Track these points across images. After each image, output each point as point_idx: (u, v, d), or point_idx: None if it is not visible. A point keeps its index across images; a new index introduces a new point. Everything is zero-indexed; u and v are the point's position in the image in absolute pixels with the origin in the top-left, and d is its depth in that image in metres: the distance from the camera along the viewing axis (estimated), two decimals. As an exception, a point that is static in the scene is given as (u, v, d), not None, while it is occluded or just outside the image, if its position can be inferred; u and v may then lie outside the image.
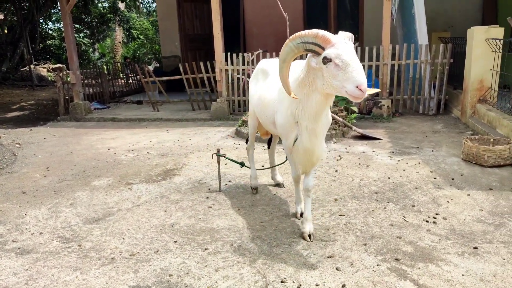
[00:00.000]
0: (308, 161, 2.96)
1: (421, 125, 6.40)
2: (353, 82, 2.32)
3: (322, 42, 2.43)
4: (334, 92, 2.53)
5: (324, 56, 2.42)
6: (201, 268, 2.67)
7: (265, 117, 3.34)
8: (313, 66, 2.52)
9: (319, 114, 2.74)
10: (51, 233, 3.29)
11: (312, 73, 2.59)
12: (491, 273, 2.48)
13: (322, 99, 2.65)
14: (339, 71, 2.37)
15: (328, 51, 2.41)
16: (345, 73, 2.35)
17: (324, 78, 2.49)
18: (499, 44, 5.62)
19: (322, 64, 2.45)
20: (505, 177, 4.02)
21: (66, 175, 4.77)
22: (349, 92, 2.35)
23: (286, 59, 2.58)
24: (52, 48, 19.48)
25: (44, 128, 7.87)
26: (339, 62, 2.37)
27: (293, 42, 2.52)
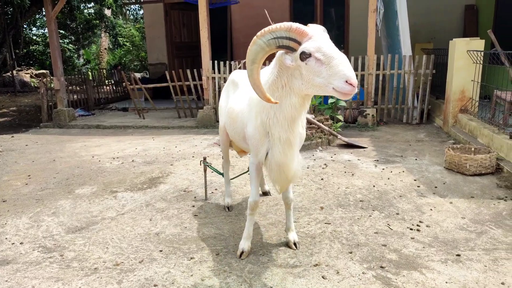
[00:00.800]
0: (284, 178, 2.55)
1: (405, 134, 6.51)
2: (341, 77, 2.02)
3: (297, 35, 2.11)
4: (317, 91, 2.19)
5: (302, 51, 2.11)
6: (187, 278, 2.64)
7: (235, 132, 2.96)
8: (289, 64, 2.18)
9: (295, 120, 2.38)
10: (32, 242, 3.21)
11: (286, 73, 2.26)
12: (473, 280, 2.52)
13: (300, 102, 2.32)
14: (322, 66, 2.07)
15: (306, 45, 2.10)
16: (330, 68, 2.04)
17: (303, 77, 2.17)
18: (480, 56, 5.78)
19: (299, 61, 2.14)
20: (486, 186, 4.11)
21: (48, 183, 4.67)
22: (338, 88, 2.05)
23: (255, 59, 2.19)
24: (36, 53, 19.19)
25: (26, 135, 7.72)
26: (321, 56, 2.06)
27: (263, 39, 2.16)
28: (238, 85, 3.08)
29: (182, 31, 11.57)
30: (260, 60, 2.21)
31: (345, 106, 7.20)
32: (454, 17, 9.88)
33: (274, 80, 2.33)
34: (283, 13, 10.65)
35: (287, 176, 2.55)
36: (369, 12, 6.93)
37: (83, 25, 19.39)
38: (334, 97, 6.68)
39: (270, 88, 2.34)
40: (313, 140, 5.79)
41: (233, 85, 3.19)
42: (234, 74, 3.28)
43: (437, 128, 6.86)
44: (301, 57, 2.13)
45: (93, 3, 17.94)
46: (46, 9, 8.17)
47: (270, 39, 2.16)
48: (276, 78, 2.32)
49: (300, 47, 2.13)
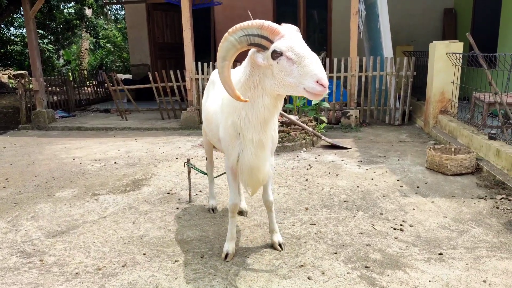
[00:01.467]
0: (255, 181, 2.51)
1: (387, 134, 6.60)
2: (312, 77, 2.00)
3: (269, 33, 2.08)
4: (289, 91, 2.16)
5: (274, 49, 2.07)
6: (171, 281, 2.60)
7: (211, 133, 2.90)
8: (260, 63, 2.14)
9: (267, 121, 2.33)
10: (10, 247, 3.11)
11: (258, 72, 2.22)
12: (456, 278, 2.56)
13: (272, 102, 2.27)
14: (294, 65, 2.04)
15: (278, 44, 2.06)
16: (302, 68, 2.01)
17: (275, 76, 2.13)
18: (459, 58, 5.91)
19: (271, 60, 2.10)
20: (467, 185, 4.20)
21: (27, 187, 4.55)
22: (309, 89, 2.03)
23: (226, 56, 2.14)
24: (14, 54, 18.71)
25: (3, 137, 7.50)
26: (292, 56, 2.03)
27: (234, 36, 2.11)
28: (215, 84, 2.96)
29: (165, 32, 11.47)
30: (231, 57, 2.16)
31: (329, 108, 7.26)
32: (433, 20, 10.09)
33: (246, 79, 2.28)
34: (266, 15, 10.68)
35: (258, 179, 2.50)
36: (351, 14, 7.01)
37: (62, 25, 19.01)
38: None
39: (242, 88, 2.28)
40: (297, 141, 5.81)
41: (212, 84, 3.10)
42: (214, 74, 3.14)
43: (419, 129, 6.98)
44: (273, 55, 2.09)
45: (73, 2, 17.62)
46: (24, 8, 7.98)
47: (241, 36, 2.11)
48: (248, 77, 2.27)
49: (272, 45, 2.10)
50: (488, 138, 4.78)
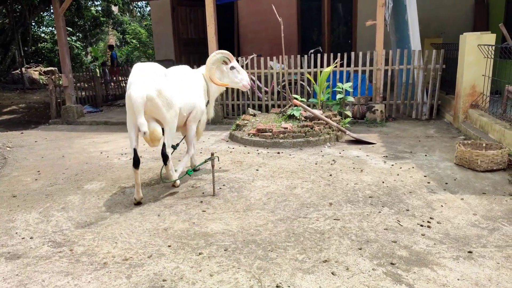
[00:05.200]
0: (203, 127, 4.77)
1: (414, 129, 6.44)
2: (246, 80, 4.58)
3: (230, 58, 4.46)
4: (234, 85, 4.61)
5: (231, 65, 4.48)
6: (195, 273, 2.63)
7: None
8: (224, 70, 4.49)
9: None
10: (42, 237, 3.23)
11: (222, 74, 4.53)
12: (486, 277, 2.48)
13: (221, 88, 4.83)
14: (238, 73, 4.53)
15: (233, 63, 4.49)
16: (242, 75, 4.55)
17: (229, 77, 4.51)
18: (491, 50, 5.69)
19: (229, 69, 4.49)
20: (498, 182, 4.05)
21: (57, 179, 4.70)
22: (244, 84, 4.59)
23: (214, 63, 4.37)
24: (44, 51, 19.34)
25: (35, 131, 7.78)
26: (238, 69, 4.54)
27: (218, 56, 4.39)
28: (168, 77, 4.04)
29: (189, 27, 11.55)
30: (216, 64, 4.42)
31: (354, 102, 7.15)
32: (464, 11, 9.73)
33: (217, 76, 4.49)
34: (290, 9, 10.59)
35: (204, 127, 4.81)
36: (378, 6, 6.85)
37: (90, 22, 19.49)
38: (342, 93, 6.64)
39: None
40: (321, 136, 5.75)
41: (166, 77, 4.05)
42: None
43: (447, 124, 6.78)
44: (230, 68, 4.50)
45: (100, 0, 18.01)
46: (54, 6, 8.21)
47: (220, 56, 4.41)
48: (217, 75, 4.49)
49: (231, 63, 4.49)
50: (521, 133, 4.59)
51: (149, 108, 3.64)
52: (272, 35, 9.91)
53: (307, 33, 11.01)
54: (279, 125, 6.04)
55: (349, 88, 6.75)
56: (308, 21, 10.95)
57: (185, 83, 4.21)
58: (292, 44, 10.45)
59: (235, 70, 4.44)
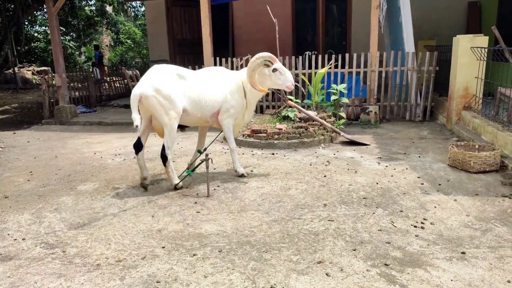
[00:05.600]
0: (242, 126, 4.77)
1: (408, 131, 6.47)
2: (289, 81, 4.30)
3: (272, 60, 4.21)
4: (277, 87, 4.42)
5: (274, 67, 4.23)
6: (189, 274, 2.62)
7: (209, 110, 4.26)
8: (266, 73, 4.26)
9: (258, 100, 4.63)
10: (34, 238, 3.20)
11: (262, 77, 4.28)
12: (479, 278, 2.50)
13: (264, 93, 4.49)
14: (281, 75, 4.27)
15: (276, 65, 4.23)
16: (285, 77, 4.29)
17: (272, 80, 4.29)
18: (483, 53, 5.74)
19: (271, 72, 4.25)
20: (491, 183, 4.08)
21: (50, 180, 4.66)
22: (288, 86, 4.31)
23: (254, 69, 4.19)
24: (37, 50, 19.19)
25: (28, 132, 7.71)
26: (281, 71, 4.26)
27: (259, 60, 4.18)
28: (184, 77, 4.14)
29: (183, 27, 11.53)
30: (256, 70, 4.22)
31: (348, 103, 7.17)
32: (457, 14, 9.82)
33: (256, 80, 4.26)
34: (284, 10, 10.61)
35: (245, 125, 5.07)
36: (372, 8, 6.88)
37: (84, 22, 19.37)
38: (336, 94, 6.66)
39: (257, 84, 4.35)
40: (315, 137, 5.77)
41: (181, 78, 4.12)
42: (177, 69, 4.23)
43: (440, 125, 6.83)
44: (273, 70, 4.25)
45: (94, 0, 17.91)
46: (48, 5, 8.15)
47: (262, 60, 4.19)
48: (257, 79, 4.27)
49: (273, 65, 4.23)
50: (513, 135, 4.64)
51: (146, 106, 3.97)
52: (266, 36, 9.92)
53: (301, 34, 11.04)
54: (274, 126, 6.04)
55: (344, 90, 6.78)
56: (302, 22, 10.99)
57: (209, 84, 4.21)
58: (286, 45, 10.47)
59: (278, 72, 4.21)
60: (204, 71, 4.44)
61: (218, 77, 4.33)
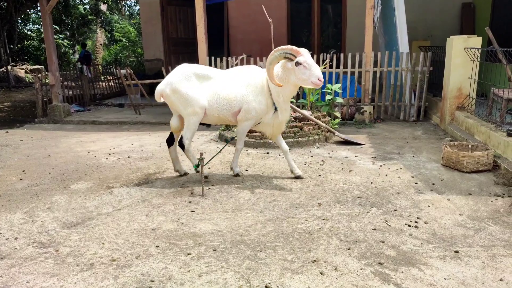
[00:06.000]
0: (279, 131, 4.34)
1: (402, 131, 6.50)
2: (315, 76, 3.78)
3: (295, 53, 3.79)
4: (303, 83, 3.90)
5: (297, 61, 3.78)
6: (183, 273, 2.61)
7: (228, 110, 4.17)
8: (289, 67, 3.85)
9: (290, 98, 4.20)
10: (27, 238, 3.17)
11: (287, 72, 3.90)
12: (472, 276, 2.52)
13: (293, 88, 4.08)
14: (306, 70, 3.78)
15: (299, 58, 3.78)
16: (310, 71, 3.77)
17: (296, 75, 3.84)
18: (477, 53, 5.78)
19: (294, 66, 3.80)
20: (484, 182, 4.11)
21: (43, 179, 4.62)
22: (313, 82, 3.80)
23: (272, 62, 3.85)
24: (31, 49, 19.04)
25: (20, 130, 7.65)
26: (306, 65, 3.77)
27: (278, 53, 3.82)
28: (207, 76, 4.22)
29: (178, 27, 11.50)
30: (275, 63, 3.89)
31: (343, 103, 7.19)
32: (451, 15, 9.88)
33: (280, 75, 3.97)
34: (280, 10, 10.61)
35: (281, 128, 4.34)
36: (367, 9, 6.91)
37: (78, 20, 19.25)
38: (331, 94, 6.68)
39: (279, 80, 3.95)
40: (310, 137, 5.77)
41: (200, 76, 4.20)
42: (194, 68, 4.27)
43: (434, 125, 6.87)
44: (296, 64, 3.80)
45: (88, -2, 17.79)
46: (41, 3, 8.08)
47: (281, 53, 3.82)
48: (282, 74, 3.97)
49: (296, 59, 3.79)
50: (506, 135, 4.68)
51: (168, 102, 4.31)
52: (262, 36, 9.92)
53: (297, 35, 11.05)
54: (269, 125, 6.03)
55: (338, 90, 6.79)
56: (298, 22, 11.00)
57: (230, 83, 4.16)
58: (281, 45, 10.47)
59: (301, 66, 3.74)
60: (232, 71, 4.37)
61: (243, 76, 4.20)
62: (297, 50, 3.76)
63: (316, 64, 3.74)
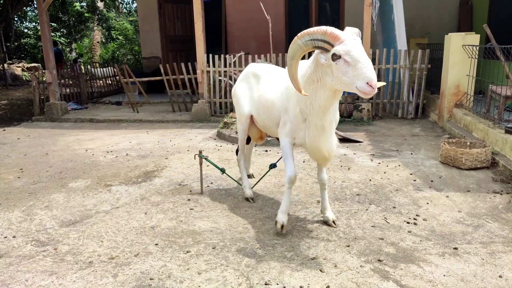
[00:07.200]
0: (321, 156, 2.95)
1: (400, 128, 6.51)
2: (363, 79, 2.34)
3: (331, 39, 2.43)
4: (344, 88, 2.53)
5: (333, 53, 2.42)
6: (183, 271, 2.61)
7: (269, 119, 3.23)
8: (322, 62, 2.51)
9: (327, 109, 2.74)
10: (25, 236, 3.16)
11: (320, 69, 2.59)
12: (471, 273, 2.52)
13: (331, 94, 2.65)
14: (349, 67, 2.38)
15: (337, 48, 2.40)
16: (355, 70, 2.36)
17: (334, 75, 2.49)
18: (475, 51, 5.79)
19: (331, 61, 2.45)
20: (482, 179, 4.12)
21: (41, 177, 4.60)
22: (360, 88, 2.37)
23: (294, 56, 2.56)
24: (27, 47, 18.94)
25: (18, 129, 7.61)
26: (348, 59, 2.37)
27: (302, 40, 2.51)
28: (260, 76, 3.41)
29: (176, 24, 11.46)
30: (298, 57, 2.57)
31: (341, 101, 7.18)
32: (448, 12, 9.88)
33: (310, 74, 2.67)
34: (277, 7, 10.57)
35: (324, 155, 2.92)
36: (365, 6, 6.90)
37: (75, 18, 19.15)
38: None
39: (307, 81, 2.69)
40: (308, 134, 5.76)
41: (255, 77, 3.47)
42: (253, 67, 3.58)
43: (432, 122, 6.88)
44: (333, 57, 2.44)
45: (85, -5, 17.70)
46: (38, 1, 8.03)
47: (307, 40, 2.50)
48: (312, 73, 2.66)
49: (333, 49, 2.43)
50: (504, 132, 4.69)
51: None
52: (259, 33, 9.88)
53: (294, 32, 10.90)
54: (267, 123, 6.01)
55: (337, 87, 6.78)
56: (295, 19, 10.97)
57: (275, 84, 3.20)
58: (279, 42, 10.45)
59: (342, 60, 2.40)
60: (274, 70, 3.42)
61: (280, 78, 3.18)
62: (335, 34, 2.42)
63: (366, 57, 2.38)
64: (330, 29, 2.43)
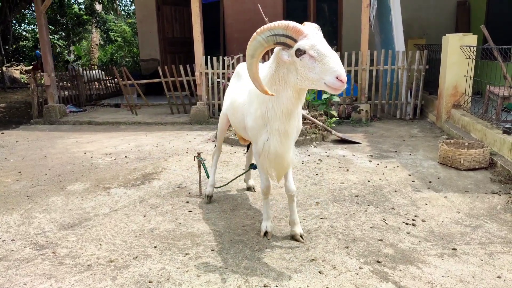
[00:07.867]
0: (280, 167, 2.72)
1: (399, 129, 6.52)
2: (332, 73, 2.19)
3: (293, 33, 2.27)
4: (310, 85, 2.37)
5: (297, 48, 2.26)
6: (182, 274, 2.61)
7: (237, 121, 3.13)
8: (285, 59, 2.35)
9: (291, 113, 2.54)
10: (24, 239, 3.15)
11: (282, 68, 2.42)
12: (470, 274, 2.52)
13: (295, 95, 2.47)
14: (315, 62, 2.23)
15: (301, 43, 2.25)
16: (323, 65, 2.21)
17: (298, 72, 2.33)
18: (472, 51, 5.80)
19: (295, 57, 2.30)
20: (480, 180, 4.13)
21: (39, 180, 4.60)
22: (329, 83, 2.22)
23: (254, 54, 2.35)
24: (26, 49, 18.92)
25: (16, 131, 7.60)
26: (314, 54, 2.23)
27: (262, 36, 2.31)
28: (241, 77, 3.24)
29: (174, 26, 11.46)
30: (259, 55, 2.38)
31: (339, 102, 7.19)
32: (446, 13, 9.91)
33: (272, 74, 2.49)
34: (275, 9, 10.59)
35: (283, 165, 2.73)
36: (363, 7, 6.92)
37: (73, 20, 19.13)
38: (327, 93, 6.68)
39: (269, 82, 2.50)
40: (307, 135, 5.77)
41: (238, 76, 3.34)
42: (240, 66, 3.41)
43: (430, 123, 6.89)
44: (297, 53, 2.29)
45: (83, -2, 17.68)
46: (36, 3, 8.03)
47: (268, 36, 2.32)
48: (274, 72, 2.48)
49: (296, 44, 2.28)
50: (502, 132, 4.70)
51: None
52: (258, 35, 9.90)
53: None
54: (266, 124, 6.01)
55: (335, 88, 6.79)
56: (293, 21, 10.98)
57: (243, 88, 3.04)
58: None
59: (307, 56, 2.26)
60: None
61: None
62: (298, 28, 2.29)
63: (332, 51, 2.25)
64: (292, 23, 2.28)
